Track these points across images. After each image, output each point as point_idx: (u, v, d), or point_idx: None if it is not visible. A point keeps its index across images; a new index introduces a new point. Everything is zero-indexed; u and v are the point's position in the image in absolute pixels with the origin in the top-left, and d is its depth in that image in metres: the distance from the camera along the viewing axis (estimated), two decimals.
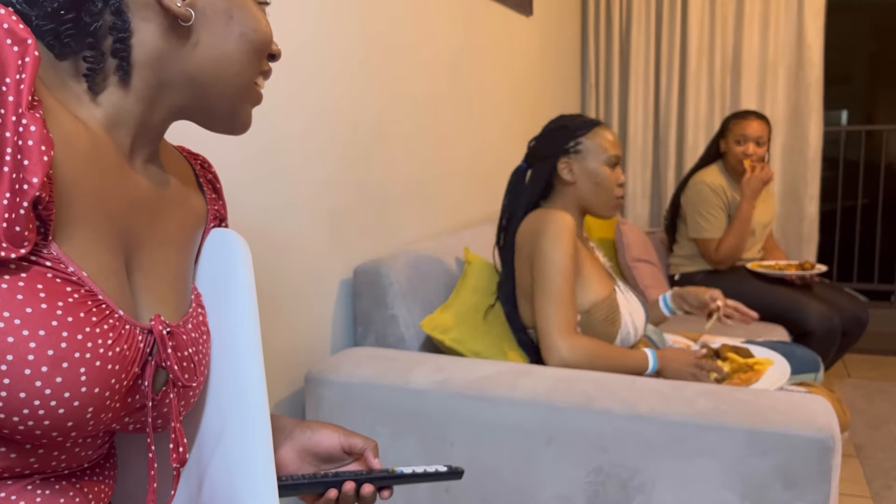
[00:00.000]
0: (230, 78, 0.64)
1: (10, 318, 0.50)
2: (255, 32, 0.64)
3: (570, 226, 1.48)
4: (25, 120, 0.49)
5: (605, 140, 1.56)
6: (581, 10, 3.55)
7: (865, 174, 4.05)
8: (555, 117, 1.63)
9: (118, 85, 0.60)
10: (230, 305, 0.70)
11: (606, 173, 1.56)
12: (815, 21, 3.18)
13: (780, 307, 2.42)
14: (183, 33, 0.60)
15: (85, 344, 0.53)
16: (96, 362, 0.54)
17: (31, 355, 0.50)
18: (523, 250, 1.54)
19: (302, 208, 1.47)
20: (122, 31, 0.58)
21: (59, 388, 0.52)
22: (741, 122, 2.57)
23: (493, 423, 1.23)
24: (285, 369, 1.44)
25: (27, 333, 0.50)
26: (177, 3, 0.59)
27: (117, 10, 0.57)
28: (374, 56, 1.70)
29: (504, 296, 1.59)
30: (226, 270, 0.72)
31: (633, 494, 1.16)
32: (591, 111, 3.57)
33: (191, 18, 0.59)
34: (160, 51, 0.60)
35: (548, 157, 1.57)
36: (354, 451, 0.80)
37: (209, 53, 0.62)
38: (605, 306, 1.50)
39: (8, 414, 0.51)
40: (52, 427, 0.53)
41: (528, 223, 1.54)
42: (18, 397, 0.50)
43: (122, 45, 0.58)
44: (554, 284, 1.45)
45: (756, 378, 1.50)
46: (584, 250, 1.56)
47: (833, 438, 1.05)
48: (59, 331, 0.52)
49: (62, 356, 0.52)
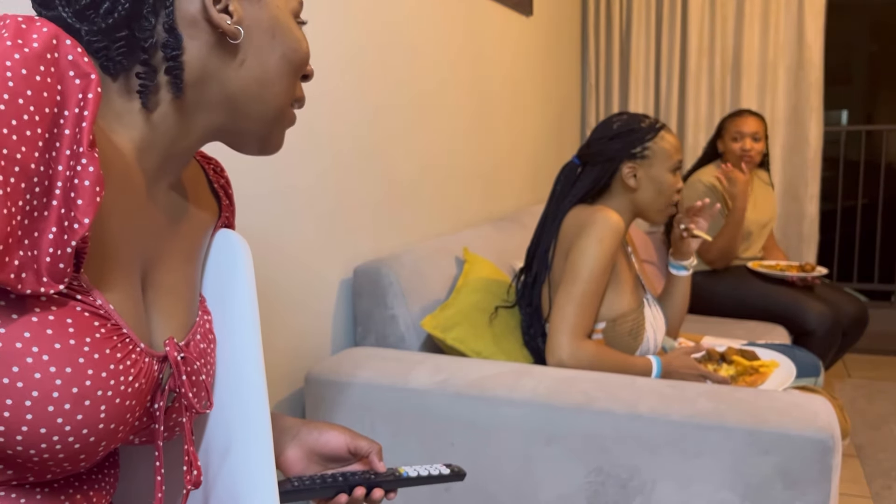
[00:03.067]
0: (270, 98, 0.63)
1: (38, 354, 0.49)
2: (295, 53, 0.64)
3: (619, 231, 1.44)
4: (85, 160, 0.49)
5: (670, 145, 1.52)
6: (581, 10, 3.55)
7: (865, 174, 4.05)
8: (620, 117, 1.56)
9: (171, 103, 0.59)
10: (232, 308, 0.70)
11: (670, 180, 1.52)
12: (815, 21, 3.18)
13: (781, 307, 2.42)
14: (229, 51, 0.60)
15: (108, 381, 0.53)
16: (116, 399, 0.54)
17: (56, 392, 0.50)
18: (564, 242, 1.50)
19: (302, 208, 1.47)
20: (175, 48, 0.57)
21: (79, 425, 0.51)
22: (736, 119, 2.58)
23: (493, 423, 1.23)
24: (285, 369, 1.44)
25: (54, 370, 0.50)
26: (226, 21, 0.58)
27: (170, 28, 0.57)
28: (374, 56, 1.70)
29: (528, 284, 1.56)
30: (227, 272, 0.72)
31: (633, 494, 1.16)
32: (591, 111, 3.57)
33: (239, 36, 0.59)
34: (207, 69, 0.59)
35: (611, 160, 1.52)
36: (360, 453, 0.80)
37: (252, 73, 0.61)
38: (632, 318, 1.48)
39: (25, 447, 0.50)
40: (65, 459, 0.53)
41: (577, 215, 1.49)
42: (38, 432, 0.50)
43: (174, 63, 0.57)
44: (581, 286, 1.41)
45: (762, 380, 1.50)
46: (623, 257, 1.54)
47: (833, 438, 1.05)
48: (85, 368, 0.51)
49: (85, 394, 0.51)
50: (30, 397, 0.49)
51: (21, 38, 0.46)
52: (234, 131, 0.64)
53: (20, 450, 0.50)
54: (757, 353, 1.63)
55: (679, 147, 1.54)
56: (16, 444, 0.50)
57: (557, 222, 1.53)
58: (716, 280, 2.55)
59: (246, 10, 0.60)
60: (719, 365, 1.61)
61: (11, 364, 0.49)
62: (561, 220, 1.53)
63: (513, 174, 2.66)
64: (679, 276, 1.70)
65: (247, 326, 0.69)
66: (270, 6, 0.62)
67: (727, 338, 2.03)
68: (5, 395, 0.49)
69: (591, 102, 3.56)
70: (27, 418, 0.49)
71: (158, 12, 0.57)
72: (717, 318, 2.50)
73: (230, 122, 0.63)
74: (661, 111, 3.46)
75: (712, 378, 1.44)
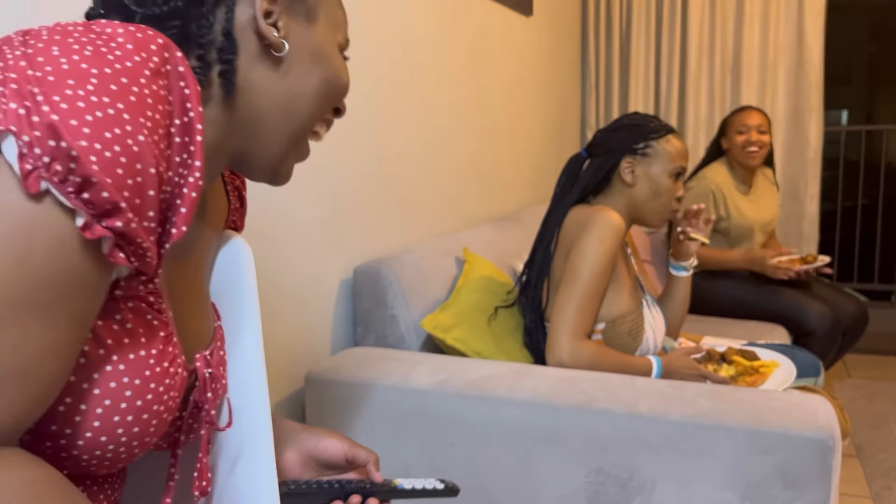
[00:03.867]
0: (297, 117, 0.63)
1: (116, 363, 0.50)
2: (335, 80, 0.64)
3: (620, 231, 1.43)
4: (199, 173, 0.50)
5: (675, 149, 1.51)
6: (581, 10, 3.55)
7: (865, 174, 4.05)
8: (631, 113, 1.57)
9: (221, 105, 0.59)
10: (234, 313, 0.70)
11: (668, 184, 1.51)
12: (815, 21, 3.17)
13: (781, 307, 2.42)
14: (274, 62, 0.60)
15: (163, 396, 0.54)
16: (165, 414, 0.55)
17: (125, 403, 0.51)
18: (565, 241, 1.50)
19: (302, 208, 1.47)
20: (230, 52, 0.58)
21: (133, 436, 0.52)
22: (740, 114, 2.55)
23: (493, 423, 1.23)
24: (285, 369, 1.44)
25: (126, 381, 0.51)
26: (273, 33, 0.59)
27: (227, 32, 0.58)
28: (374, 56, 1.70)
29: (529, 283, 1.56)
30: (230, 277, 0.72)
31: (633, 494, 1.16)
32: (591, 111, 3.56)
33: (283, 49, 0.60)
34: (249, 76, 0.60)
35: (613, 152, 1.52)
36: (357, 461, 0.80)
37: (291, 88, 0.61)
38: (631, 319, 1.48)
39: (80, 451, 0.51)
40: (108, 463, 0.53)
41: (578, 215, 1.49)
42: (99, 440, 0.50)
43: (228, 67, 0.58)
44: (582, 286, 1.41)
45: (762, 380, 1.50)
46: (623, 258, 1.54)
47: (833, 438, 1.05)
48: (149, 381, 0.52)
49: (145, 407, 0.52)
50: (102, 405, 0.50)
51: (144, 52, 0.48)
52: (247, 151, 0.63)
53: (76, 453, 0.51)
54: (757, 354, 1.62)
55: (685, 154, 1.53)
56: (73, 447, 0.50)
57: (558, 221, 1.53)
58: (716, 280, 2.55)
59: (294, 30, 0.61)
60: (719, 365, 1.61)
61: (93, 371, 0.50)
62: (562, 218, 1.53)
63: (513, 174, 2.66)
64: (679, 276, 1.70)
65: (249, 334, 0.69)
66: (318, 33, 0.63)
67: (727, 338, 2.03)
68: (81, 400, 0.49)
69: (591, 102, 3.56)
70: (94, 425, 0.50)
71: (217, 14, 0.58)
72: (717, 318, 2.50)
73: (251, 140, 0.62)
74: (661, 111, 3.46)
75: (712, 378, 1.44)
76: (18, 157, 0.43)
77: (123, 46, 0.47)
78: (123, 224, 0.45)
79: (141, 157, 0.46)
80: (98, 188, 0.44)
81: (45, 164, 0.43)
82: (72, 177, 0.43)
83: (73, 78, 0.44)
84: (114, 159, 0.44)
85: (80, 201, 0.44)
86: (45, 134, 0.42)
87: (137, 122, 0.45)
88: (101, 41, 0.47)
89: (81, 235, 0.45)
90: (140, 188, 0.46)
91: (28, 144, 0.42)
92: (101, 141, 0.44)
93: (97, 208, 0.44)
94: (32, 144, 0.42)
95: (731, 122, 2.57)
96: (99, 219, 0.45)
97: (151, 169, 0.46)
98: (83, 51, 0.45)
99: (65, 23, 0.49)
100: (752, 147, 2.49)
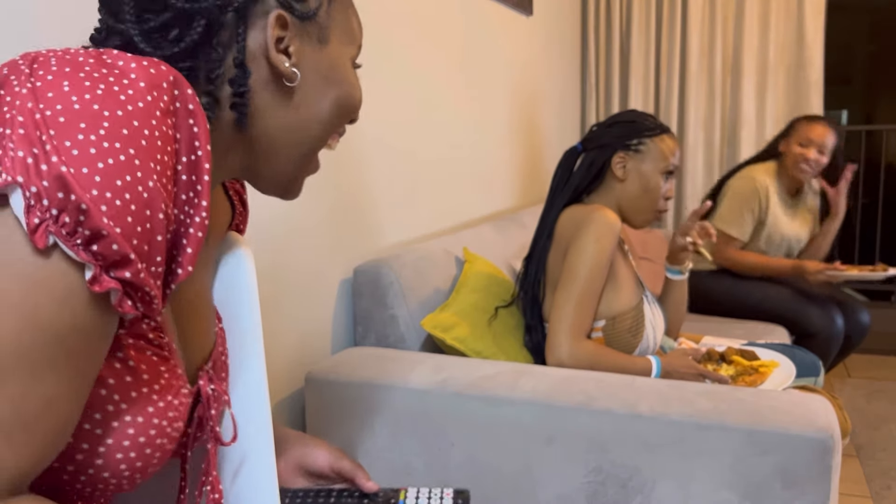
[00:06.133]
0: (307, 141, 0.61)
1: (118, 402, 0.50)
2: (349, 98, 0.62)
3: (616, 230, 1.44)
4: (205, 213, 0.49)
5: (668, 148, 1.52)
6: (581, 10, 3.55)
7: (866, 174, 4.04)
8: (627, 110, 1.58)
9: (231, 129, 0.58)
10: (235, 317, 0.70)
11: (658, 182, 1.51)
12: (815, 21, 3.17)
13: (782, 309, 2.41)
14: (285, 92, 0.58)
15: (166, 430, 0.53)
16: (168, 445, 0.54)
17: (128, 441, 0.50)
18: (562, 241, 1.50)
19: (302, 209, 1.47)
20: (242, 84, 0.56)
21: (136, 470, 0.52)
22: (809, 124, 2.41)
23: (493, 423, 1.23)
24: (285, 369, 1.44)
25: (129, 420, 0.50)
26: (284, 63, 0.57)
27: (240, 63, 0.56)
28: (374, 56, 1.70)
29: (528, 282, 1.56)
30: (231, 281, 0.71)
31: (633, 494, 1.16)
32: (590, 111, 3.56)
33: (296, 79, 0.58)
34: (258, 105, 0.58)
35: (606, 147, 1.53)
36: (342, 473, 0.81)
37: (302, 115, 0.60)
38: (631, 316, 1.48)
39: (83, 485, 0.50)
40: (109, 495, 0.53)
41: (573, 214, 1.49)
42: (101, 476, 0.50)
43: (241, 100, 0.56)
44: (580, 286, 1.41)
45: (762, 380, 1.50)
46: (620, 255, 1.54)
47: (833, 438, 1.05)
48: (152, 418, 0.52)
49: (149, 443, 0.52)
50: (104, 444, 0.49)
51: (156, 91, 0.46)
52: (257, 170, 0.62)
53: (79, 487, 0.51)
54: (757, 353, 1.62)
55: (676, 153, 1.53)
56: (76, 482, 0.50)
57: (552, 220, 1.54)
58: (718, 280, 2.54)
59: (306, 54, 0.59)
60: (719, 365, 1.61)
61: (94, 411, 0.49)
62: (556, 217, 1.54)
63: (512, 174, 2.66)
64: (675, 279, 1.70)
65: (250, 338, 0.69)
66: (331, 52, 0.61)
67: (727, 338, 2.03)
68: (83, 440, 0.49)
69: (591, 102, 3.56)
70: (97, 463, 0.50)
71: (230, 46, 0.56)
72: (717, 318, 2.50)
73: (262, 160, 0.61)
74: (661, 111, 3.46)
75: (712, 378, 1.44)
76: (26, 211, 0.41)
77: (136, 84, 0.45)
78: (132, 275, 0.44)
79: (150, 204, 0.44)
80: (108, 241, 0.43)
81: (54, 216, 0.41)
82: (81, 229, 0.42)
83: (85, 121, 0.42)
84: (124, 208, 0.43)
85: (88, 254, 0.43)
86: (54, 185, 0.41)
87: (148, 168, 0.44)
88: (114, 77, 0.45)
89: (90, 289, 0.44)
90: (149, 235, 0.45)
91: (36, 196, 0.41)
92: (111, 189, 0.42)
93: (106, 260, 0.43)
94: (41, 196, 0.41)
95: (798, 128, 2.43)
96: (107, 270, 0.44)
97: (160, 214, 0.45)
98: (95, 89, 0.44)
99: (74, 50, 0.47)
100: (805, 165, 2.39)
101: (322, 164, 1.52)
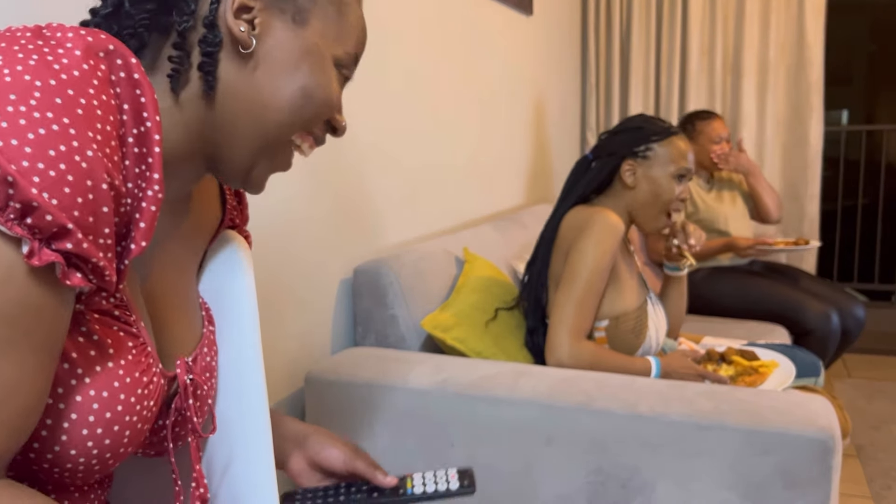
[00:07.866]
0: (269, 124, 0.59)
1: (81, 376, 0.49)
2: (319, 89, 0.60)
3: (618, 232, 1.43)
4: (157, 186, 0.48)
5: (677, 150, 1.50)
6: (581, 10, 3.55)
7: (866, 174, 4.05)
8: (636, 115, 1.57)
9: (200, 104, 0.57)
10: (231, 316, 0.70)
11: (670, 186, 1.49)
12: (815, 21, 3.17)
13: (780, 307, 2.42)
14: (246, 64, 0.57)
15: (135, 407, 0.53)
16: (139, 424, 0.54)
17: (92, 416, 0.50)
18: (563, 242, 1.50)
19: (302, 208, 1.46)
20: (212, 44, 0.55)
21: (105, 448, 0.51)
22: (712, 123, 2.64)
23: (493, 423, 1.23)
24: (285, 369, 1.44)
25: (93, 394, 0.50)
26: (240, 27, 0.56)
27: (210, 24, 0.55)
28: (374, 55, 1.70)
29: (531, 285, 1.55)
30: (227, 277, 0.71)
31: (633, 494, 1.16)
32: (591, 111, 3.56)
33: (250, 45, 0.56)
34: (225, 76, 0.57)
35: (614, 155, 1.52)
36: (357, 473, 0.80)
37: (261, 89, 0.58)
38: (634, 317, 1.48)
39: (50, 465, 0.50)
40: (82, 477, 0.52)
41: (576, 215, 1.49)
42: (68, 453, 0.50)
43: (209, 59, 0.55)
44: (581, 287, 1.41)
45: (762, 380, 1.50)
46: (623, 257, 1.54)
47: (833, 438, 1.05)
48: (118, 393, 0.51)
49: (116, 419, 0.51)
50: (68, 419, 0.49)
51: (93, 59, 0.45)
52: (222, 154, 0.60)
53: (46, 467, 0.50)
54: (757, 353, 1.62)
55: (689, 155, 1.51)
56: (44, 461, 0.50)
57: (556, 221, 1.54)
58: (716, 280, 2.55)
59: (277, 30, 0.58)
60: (719, 365, 1.61)
61: (57, 385, 0.48)
62: (560, 219, 1.53)
63: (513, 174, 2.66)
64: (674, 275, 1.70)
65: (247, 336, 0.68)
66: (307, 37, 0.59)
67: (727, 338, 2.03)
68: (46, 415, 0.48)
69: (591, 102, 3.56)
70: (62, 439, 0.49)
71: (200, 2, 0.55)
72: (717, 318, 2.50)
73: (224, 144, 0.59)
74: (661, 111, 3.46)
75: (711, 378, 1.44)
76: None
77: (71, 53, 0.44)
78: (74, 245, 0.43)
79: (91, 174, 0.43)
80: (41, 212, 0.41)
81: None
82: (12, 202, 0.41)
83: (15, 92, 0.41)
84: (59, 178, 0.42)
85: (24, 228, 0.41)
86: None
87: (85, 137, 0.43)
88: (49, 48, 0.44)
89: (29, 264, 0.42)
90: (92, 205, 0.43)
91: None
92: (44, 160, 0.41)
93: (43, 232, 0.42)
94: None
95: (703, 129, 2.64)
96: (48, 242, 0.43)
97: (104, 184, 0.44)
98: (28, 60, 0.43)
99: (16, 27, 0.46)
100: (724, 158, 2.63)
101: (322, 163, 1.52)
